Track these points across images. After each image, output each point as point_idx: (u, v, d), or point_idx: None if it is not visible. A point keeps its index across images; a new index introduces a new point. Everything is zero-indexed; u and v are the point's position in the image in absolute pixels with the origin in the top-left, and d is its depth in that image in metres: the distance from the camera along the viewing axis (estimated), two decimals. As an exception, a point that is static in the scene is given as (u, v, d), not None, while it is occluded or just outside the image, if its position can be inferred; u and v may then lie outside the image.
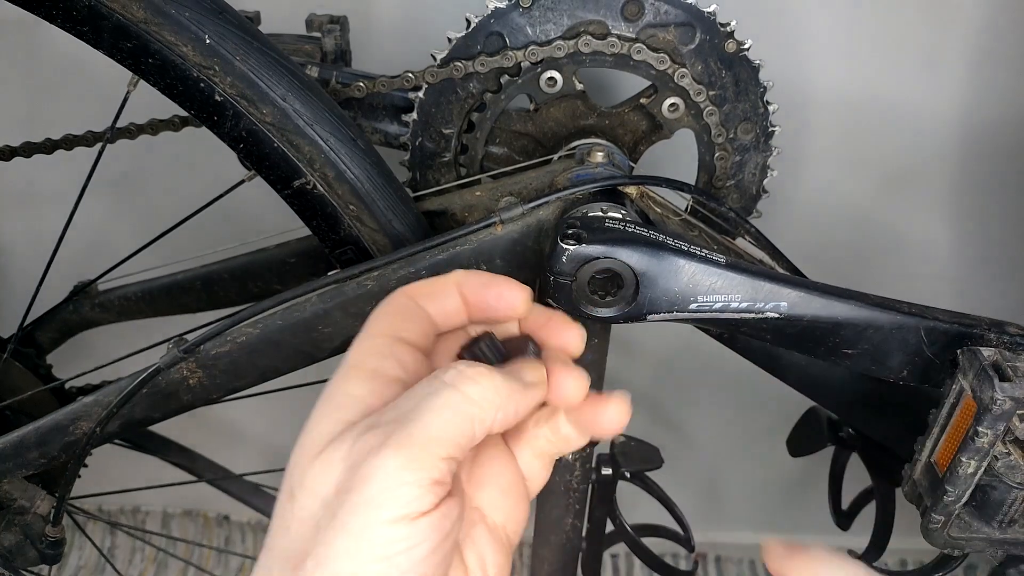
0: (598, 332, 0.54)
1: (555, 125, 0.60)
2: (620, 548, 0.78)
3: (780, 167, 0.61)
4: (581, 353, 0.37)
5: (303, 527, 0.28)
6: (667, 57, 0.55)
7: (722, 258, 0.45)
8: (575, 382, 0.34)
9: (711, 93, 0.57)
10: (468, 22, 0.55)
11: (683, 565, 1.13)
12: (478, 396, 0.29)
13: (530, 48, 0.55)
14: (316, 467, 0.28)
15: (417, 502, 0.27)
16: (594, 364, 0.56)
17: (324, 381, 0.70)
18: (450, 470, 0.28)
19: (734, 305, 0.45)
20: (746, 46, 0.55)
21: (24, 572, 0.63)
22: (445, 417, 0.28)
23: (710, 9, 0.54)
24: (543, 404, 0.35)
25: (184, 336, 0.52)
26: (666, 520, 0.68)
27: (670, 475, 0.66)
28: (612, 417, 0.35)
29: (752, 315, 0.46)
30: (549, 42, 0.55)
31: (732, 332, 0.51)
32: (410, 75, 0.57)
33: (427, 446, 0.28)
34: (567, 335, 0.36)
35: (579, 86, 0.57)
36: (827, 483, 0.68)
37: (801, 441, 0.68)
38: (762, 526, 1.17)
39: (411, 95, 0.58)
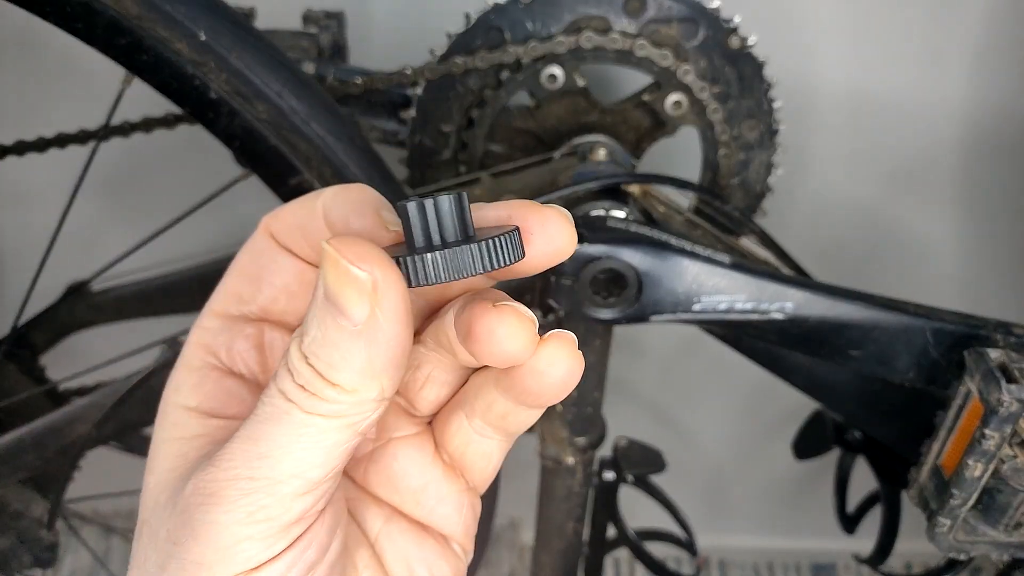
0: (600, 333, 0.54)
1: (556, 122, 0.59)
2: (622, 553, 0.78)
3: (785, 165, 0.61)
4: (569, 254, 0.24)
5: (141, 573, 0.23)
6: (670, 53, 0.54)
7: (726, 258, 0.44)
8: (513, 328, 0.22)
9: (715, 90, 0.56)
10: (467, 17, 0.54)
11: (686, 569, 1.12)
12: (333, 410, 0.21)
13: (530, 44, 0.54)
14: (161, 508, 0.23)
15: (265, 552, 0.21)
16: (596, 366, 0.55)
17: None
18: (315, 499, 0.22)
19: (739, 306, 0.45)
20: (750, 42, 0.55)
21: (18, 576, 0.62)
22: (296, 450, 0.21)
23: (713, 5, 0.54)
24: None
25: (179, 337, 0.51)
26: (669, 524, 0.68)
27: (673, 479, 0.66)
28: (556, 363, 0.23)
29: (757, 316, 0.45)
30: (550, 37, 0.54)
31: (737, 333, 0.50)
32: (408, 71, 0.56)
33: (275, 489, 0.21)
34: (550, 229, 0.23)
35: (581, 82, 0.56)
36: (832, 486, 0.68)
37: (807, 444, 0.67)
38: (766, 530, 1.17)
39: (410, 92, 0.57)
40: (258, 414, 0.21)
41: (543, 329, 0.23)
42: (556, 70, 0.56)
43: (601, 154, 0.53)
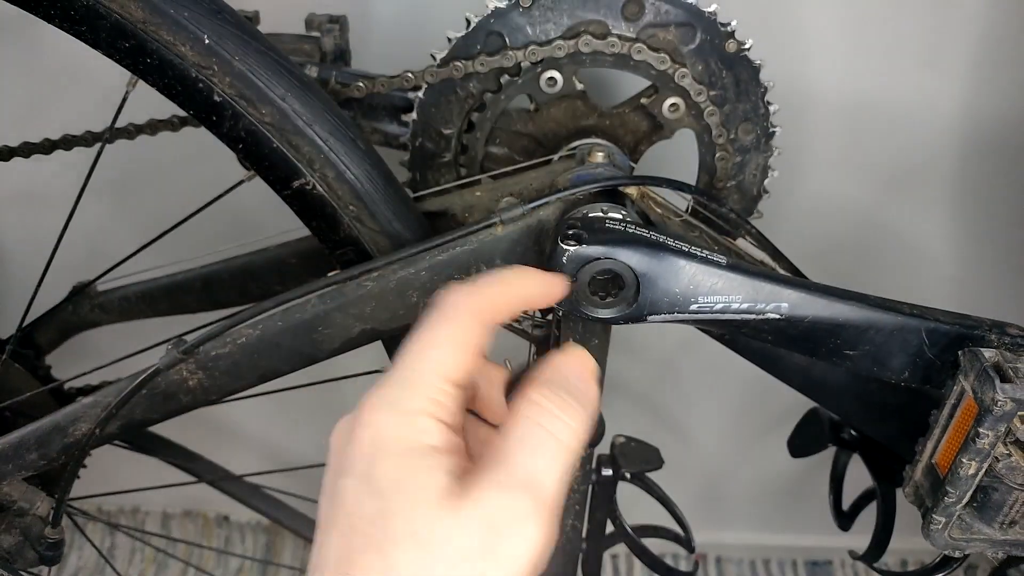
0: (599, 333, 0.54)
1: (555, 125, 0.60)
2: (620, 549, 0.78)
3: (781, 168, 0.61)
4: None
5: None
6: (667, 57, 0.55)
7: (723, 259, 0.45)
8: None
9: (712, 93, 0.57)
10: (468, 22, 0.55)
11: (683, 566, 1.13)
12: (578, 443, 0.32)
13: (530, 48, 0.54)
14: (446, 521, 0.29)
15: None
16: (594, 365, 0.56)
17: (323, 382, 0.70)
18: None
19: (735, 306, 0.45)
20: (747, 46, 0.55)
21: (24, 573, 0.63)
22: (560, 471, 0.31)
23: (711, 9, 0.54)
24: None
25: (183, 337, 0.51)
26: (666, 521, 0.68)
27: (670, 476, 0.66)
28: None
29: (753, 316, 0.46)
30: (549, 42, 0.55)
31: (733, 333, 0.51)
32: (410, 75, 0.56)
33: (554, 504, 0.30)
34: None
35: (579, 86, 0.57)
36: (828, 484, 0.68)
37: (802, 442, 0.67)
38: (763, 527, 1.17)
39: (411, 95, 0.58)
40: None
41: (542, 330, 0.29)
42: (555, 74, 0.56)
43: (599, 157, 0.53)
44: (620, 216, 0.47)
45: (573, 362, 0.34)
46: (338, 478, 0.31)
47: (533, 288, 0.36)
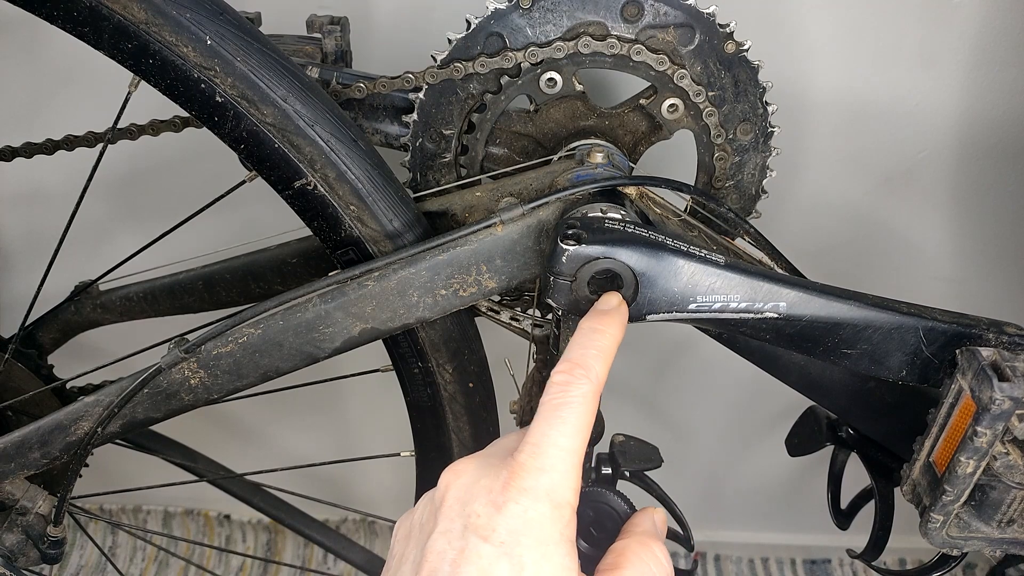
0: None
1: (555, 126, 0.60)
2: (620, 547, 0.78)
3: (779, 168, 0.61)
4: None
5: None
6: (666, 58, 0.55)
7: (721, 258, 0.45)
8: None
9: (710, 94, 0.57)
10: (468, 23, 0.55)
11: (682, 564, 1.13)
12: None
13: (530, 49, 0.55)
14: None
15: None
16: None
17: (324, 381, 0.70)
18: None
19: (733, 305, 0.45)
20: (745, 47, 0.56)
21: (26, 572, 0.63)
22: None
23: (709, 10, 0.54)
24: None
25: (185, 336, 0.52)
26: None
27: (669, 475, 0.66)
28: None
29: (751, 315, 0.46)
30: (549, 43, 0.55)
31: (731, 332, 0.51)
32: (410, 76, 0.57)
33: None
34: None
35: (579, 87, 0.57)
36: (826, 483, 0.68)
37: (800, 441, 0.68)
38: (761, 525, 1.18)
39: (411, 96, 0.58)
40: None
41: (542, 329, 0.28)
42: (555, 75, 0.57)
43: (599, 157, 0.54)
44: (619, 216, 0.47)
45: (663, 522, 0.44)
46: (469, 533, 0.34)
47: (621, 335, 0.41)
